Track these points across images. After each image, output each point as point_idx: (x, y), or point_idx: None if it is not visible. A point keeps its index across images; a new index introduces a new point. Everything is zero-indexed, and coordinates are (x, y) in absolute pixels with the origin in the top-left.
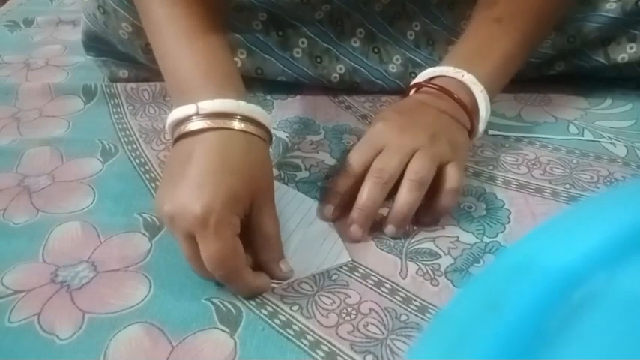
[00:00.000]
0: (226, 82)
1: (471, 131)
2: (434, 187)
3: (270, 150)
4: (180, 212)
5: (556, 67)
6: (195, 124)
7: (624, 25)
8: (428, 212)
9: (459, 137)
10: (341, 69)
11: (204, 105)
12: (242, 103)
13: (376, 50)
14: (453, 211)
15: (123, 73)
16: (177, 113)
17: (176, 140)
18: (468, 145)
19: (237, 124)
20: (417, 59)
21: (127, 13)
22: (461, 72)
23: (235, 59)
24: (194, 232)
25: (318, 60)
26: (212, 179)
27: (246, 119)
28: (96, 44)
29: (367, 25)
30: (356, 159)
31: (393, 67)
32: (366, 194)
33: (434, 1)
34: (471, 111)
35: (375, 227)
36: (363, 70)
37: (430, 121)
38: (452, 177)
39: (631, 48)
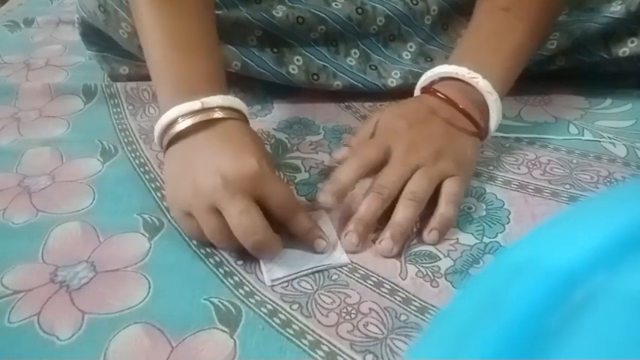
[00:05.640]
0: (214, 83)
1: (481, 134)
2: (436, 201)
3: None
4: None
5: (557, 62)
6: (191, 120)
7: (627, 23)
8: (432, 227)
9: (467, 149)
10: (338, 85)
11: (208, 100)
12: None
13: (373, 67)
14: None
15: (124, 69)
16: (180, 109)
17: (176, 137)
18: (477, 154)
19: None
20: (418, 70)
21: (127, 14)
22: (476, 78)
23: (229, 70)
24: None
25: (315, 77)
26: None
27: (224, 109)
28: (97, 39)
29: (361, 46)
30: (363, 154)
31: (392, 82)
32: (365, 207)
33: (428, 23)
34: (479, 118)
35: (375, 232)
36: (361, 85)
37: (438, 135)
38: (449, 190)
39: (632, 42)
